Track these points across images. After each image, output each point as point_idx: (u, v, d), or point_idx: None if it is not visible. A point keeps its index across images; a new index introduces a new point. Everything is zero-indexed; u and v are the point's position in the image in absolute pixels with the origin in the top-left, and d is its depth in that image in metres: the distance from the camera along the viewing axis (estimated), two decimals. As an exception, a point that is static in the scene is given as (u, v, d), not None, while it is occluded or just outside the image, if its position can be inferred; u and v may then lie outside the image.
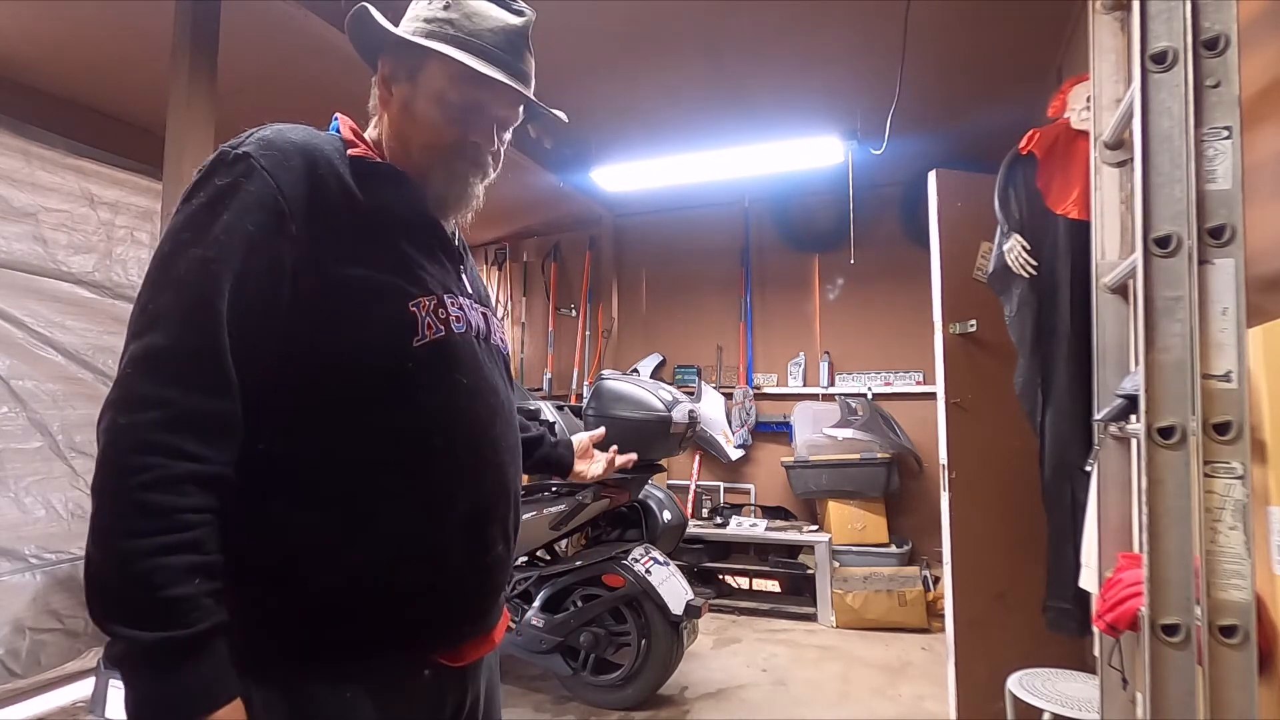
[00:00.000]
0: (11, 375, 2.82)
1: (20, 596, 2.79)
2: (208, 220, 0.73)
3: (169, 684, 0.64)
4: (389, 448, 0.79)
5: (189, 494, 0.67)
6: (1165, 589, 0.89)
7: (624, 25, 2.73)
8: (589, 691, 2.82)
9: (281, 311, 0.75)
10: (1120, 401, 1.28)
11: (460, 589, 0.85)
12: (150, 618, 0.64)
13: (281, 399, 0.76)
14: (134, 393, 0.68)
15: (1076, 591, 1.84)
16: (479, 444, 0.86)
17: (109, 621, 0.64)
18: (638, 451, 1.62)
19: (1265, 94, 1.14)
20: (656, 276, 5.14)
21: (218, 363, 0.71)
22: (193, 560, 0.66)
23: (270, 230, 0.74)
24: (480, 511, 0.86)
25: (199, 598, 0.66)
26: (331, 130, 0.90)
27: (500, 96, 0.89)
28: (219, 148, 0.78)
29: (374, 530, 0.78)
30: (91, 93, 3.21)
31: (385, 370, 0.79)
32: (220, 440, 0.70)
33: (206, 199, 0.74)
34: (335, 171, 0.81)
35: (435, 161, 0.89)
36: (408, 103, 0.88)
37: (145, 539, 0.64)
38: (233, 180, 0.74)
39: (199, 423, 0.69)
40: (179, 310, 0.70)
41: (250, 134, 0.79)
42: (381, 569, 0.78)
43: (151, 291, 0.72)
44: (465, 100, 0.87)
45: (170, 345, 0.69)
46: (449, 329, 0.84)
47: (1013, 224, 2.12)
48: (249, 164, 0.75)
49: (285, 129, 0.81)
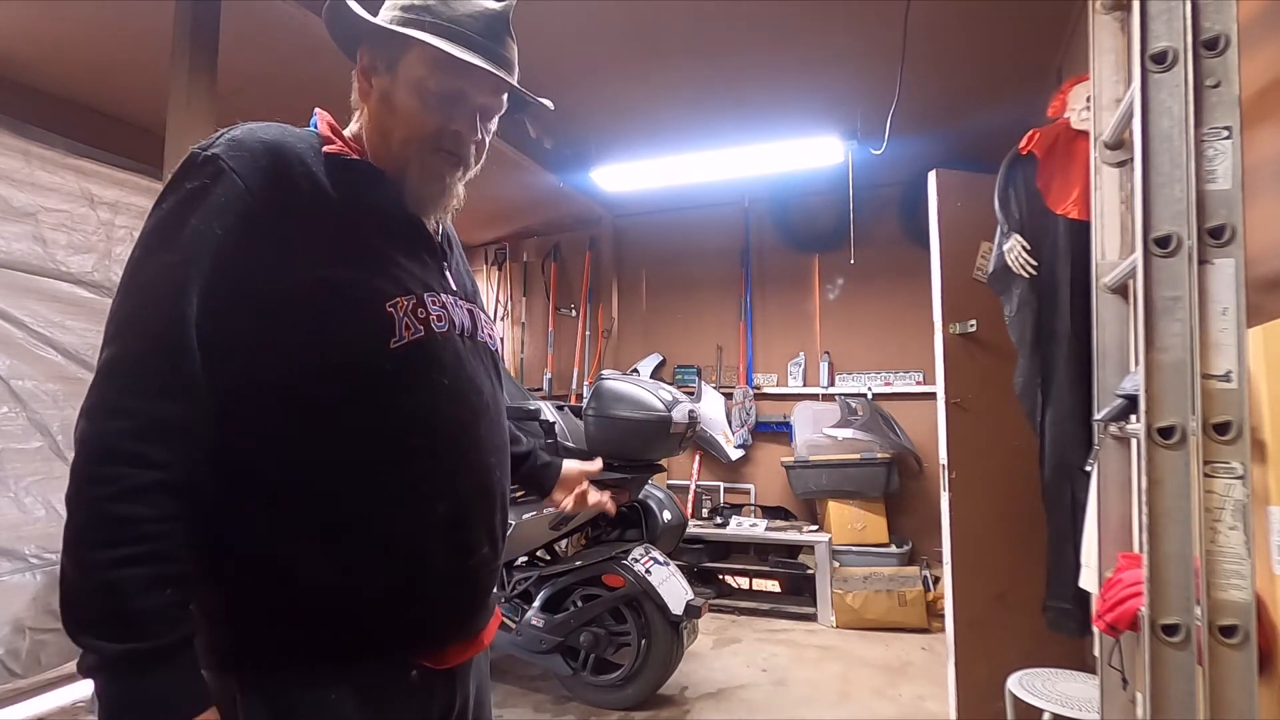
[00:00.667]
0: (11, 375, 2.82)
1: (20, 596, 2.79)
2: (176, 224, 0.72)
3: (135, 694, 0.64)
4: (366, 450, 0.78)
5: (155, 503, 0.67)
6: (1165, 589, 0.89)
7: (624, 25, 2.72)
8: (589, 691, 2.82)
9: (255, 313, 0.74)
10: (1120, 401, 1.28)
11: (442, 592, 0.84)
12: (116, 629, 0.64)
13: (257, 400, 0.75)
14: (101, 401, 0.68)
15: (1076, 591, 1.84)
16: (461, 445, 0.85)
17: (78, 632, 0.64)
18: (638, 451, 1.62)
19: (1265, 94, 1.14)
20: (656, 276, 5.14)
21: (182, 368, 0.70)
22: (158, 571, 0.66)
23: (239, 232, 0.73)
24: (462, 514, 0.84)
25: (165, 609, 0.66)
26: (310, 127, 0.88)
27: (481, 84, 0.86)
28: (189, 150, 0.77)
29: (352, 533, 0.77)
30: (91, 93, 3.21)
31: (361, 372, 0.77)
32: (186, 445, 0.70)
33: (175, 203, 0.74)
34: (308, 170, 0.80)
35: (413, 155, 0.86)
36: (387, 94, 0.86)
37: (110, 550, 0.64)
38: (200, 183, 0.73)
39: (163, 429, 0.68)
40: (143, 317, 0.70)
41: (220, 135, 0.78)
42: (360, 572, 0.77)
43: (120, 298, 0.72)
44: (445, 88, 0.85)
45: (134, 352, 0.69)
46: (429, 329, 0.82)
47: (1013, 224, 2.12)
48: (217, 165, 0.74)
49: (256, 128, 0.79)
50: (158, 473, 0.67)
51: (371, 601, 0.78)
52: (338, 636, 0.77)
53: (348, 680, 0.78)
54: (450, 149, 0.87)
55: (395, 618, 0.80)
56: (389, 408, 0.79)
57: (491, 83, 0.87)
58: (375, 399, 0.78)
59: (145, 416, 0.68)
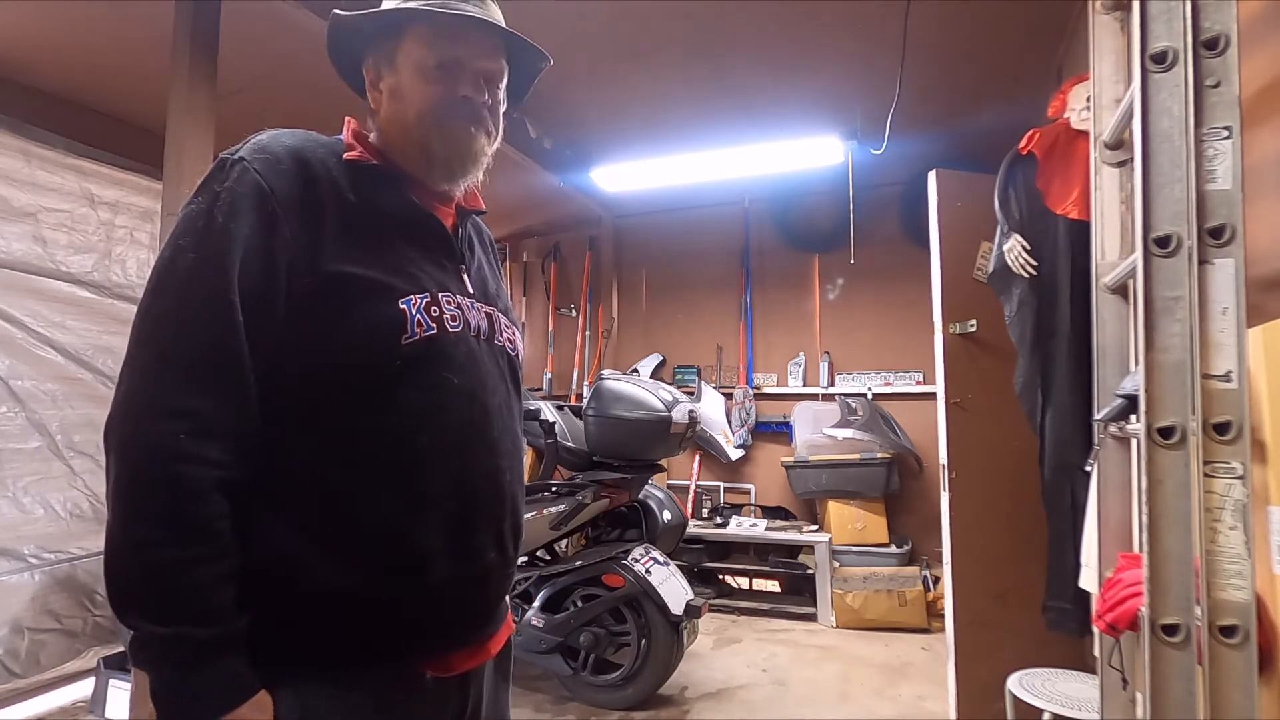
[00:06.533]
0: (10, 375, 2.81)
1: (19, 596, 2.79)
2: (205, 225, 0.75)
3: (219, 676, 0.68)
4: (374, 447, 0.79)
5: (217, 502, 0.71)
6: (1165, 589, 0.89)
7: (624, 25, 2.72)
8: (589, 691, 2.82)
9: (277, 313, 0.76)
10: (1120, 401, 1.28)
11: (443, 597, 0.82)
12: (201, 621, 0.68)
13: (275, 399, 0.76)
14: (151, 401, 0.70)
15: (1076, 591, 1.84)
16: (470, 445, 0.84)
17: (145, 621, 0.67)
18: (638, 451, 1.60)
19: (1265, 94, 1.14)
20: (656, 276, 5.14)
21: (235, 368, 0.73)
22: (228, 567, 0.71)
23: (264, 233, 0.76)
24: (470, 516, 0.84)
25: (235, 602, 0.71)
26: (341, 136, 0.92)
27: (476, 47, 0.89)
28: (218, 155, 0.80)
29: (358, 535, 0.78)
30: (91, 93, 3.21)
31: (373, 367, 0.79)
32: (236, 445, 0.73)
33: (204, 205, 0.76)
34: (329, 174, 0.83)
35: (430, 125, 0.88)
36: (395, 88, 0.90)
37: (183, 549, 0.68)
38: (228, 185, 0.77)
39: (219, 430, 0.71)
40: (191, 316, 0.72)
41: (247, 140, 0.81)
42: (362, 573, 0.77)
43: (155, 297, 0.74)
44: (443, 58, 0.87)
45: (186, 352, 0.71)
46: (442, 326, 0.83)
47: (1013, 224, 2.12)
48: (243, 168, 0.78)
49: (281, 134, 0.83)
50: (219, 472, 0.71)
51: (371, 604, 0.78)
52: (346, 639, 0.78)
53: (368, 682, 0.78)
54: (463, 113, 0.89)
55: (394, 621, 0.79)
56: (399, 404, 0.80)
57: (487, 44, 0.91)
58: (385, 394, 0.79)
59: (202, 417, 0.70)
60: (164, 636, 0.67)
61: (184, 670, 0.67)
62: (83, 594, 3.00)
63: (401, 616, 0.80)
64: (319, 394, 0.78)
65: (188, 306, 0.72)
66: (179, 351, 0.71)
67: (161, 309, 0.73)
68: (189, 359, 0.71)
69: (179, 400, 0.70)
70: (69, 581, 2.96)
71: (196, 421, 0.70)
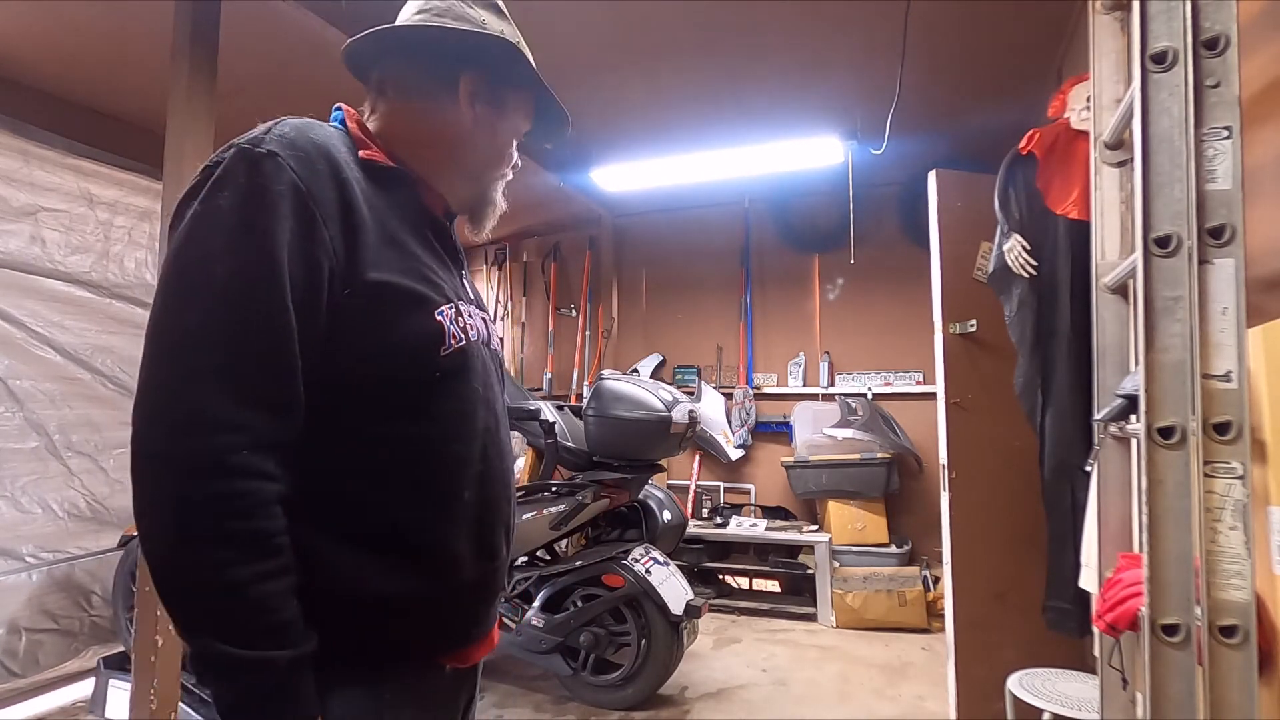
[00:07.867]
0: (9, 375, 2.81)
1: (17, 596, 2.79)
2: (241, 225, 0.68)
3: (271, 699, 0.66)
4: (411, 456, 0.78)
5: (277, 516, 0.68)
6: (1165, 589, 0.89)
7: (624, 25, 2.72)
8: (589, 691, 2.82)
9: (320, 322, 0.72)
10: (1120, 401, 1.28)
11: (470, 596, 0.85)
12: (274, 640, 0.66)
13: (313, 408, 0.73)
14: (202, 413, 0.65)
15: (1076, 591, 1.84)
16: (489, 451, 0.86)
17: (218, 643, 0.65)
18: (638, 451, 1.58)
19: (1265, 94, 1.14)
20: (656, 276, 5.14)
21: (288, 380, 0.69)
22: (291, 582, 0.69)
23: (306, 237, 0.70)
24: (490, 518, 0.86)
25: (302, 621, 0.69)
26: (334, 122, 0.87)
27: (531, 114, 0.99)
28: (233, 145, 0.72)
29: (398, 542, 0.78)
30: (91, 93, 3.21)
31: (413, 379, 0.78)
32: (289, 458, 0.70)
33: (235, 201, 0.69)
34: (356, 176, 0.78)
35: (490, 183, 0.95)
36: (488, 126, 0.92)
37: (248, 566, 0.65)
38: (262, 182, 0.69)
39: (274, 443, 0.68)
40: (241, 324, 0.67)
41: (268, 130, 0.74)
42: (405, 581, 0.78)
43: (191, 301, 0.67)
44: (521, 135, 0.98)
45: (242, 362, 0.67)
46: (467, 336, 0.83)
47: (1013, 224, 2.12)
48: (276, 163, 0.70)
49: (302, 126, 0.77)
50: (277, 485, 0.68)
51: (409, 608, 0.79)
52: (386, 642, 0.78)
53: (399, 678, 0.80)
54: (506, 180, 0.99)
55: (431, 621, 0.82)
56: (434, 414, 0.80)
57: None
58: (422, 404, 0.79)
59: (257, 431, 0.67)
60: (244, 660, 0.65)
61: (264, 696, 0.66)
62: (80, 594, 3.00)
63: (439, 617, 0.82)
64: (357, 404, 0.76)
65: (239, 313, 0.67)
66: (233, 361, 0.66)
67: (204, 315, 0.67)
68: (246, 369, 0.67)
69: (236, 415, 0.66)
70: (66, 581, 2.96)
71: (253, 436, 0.66)
